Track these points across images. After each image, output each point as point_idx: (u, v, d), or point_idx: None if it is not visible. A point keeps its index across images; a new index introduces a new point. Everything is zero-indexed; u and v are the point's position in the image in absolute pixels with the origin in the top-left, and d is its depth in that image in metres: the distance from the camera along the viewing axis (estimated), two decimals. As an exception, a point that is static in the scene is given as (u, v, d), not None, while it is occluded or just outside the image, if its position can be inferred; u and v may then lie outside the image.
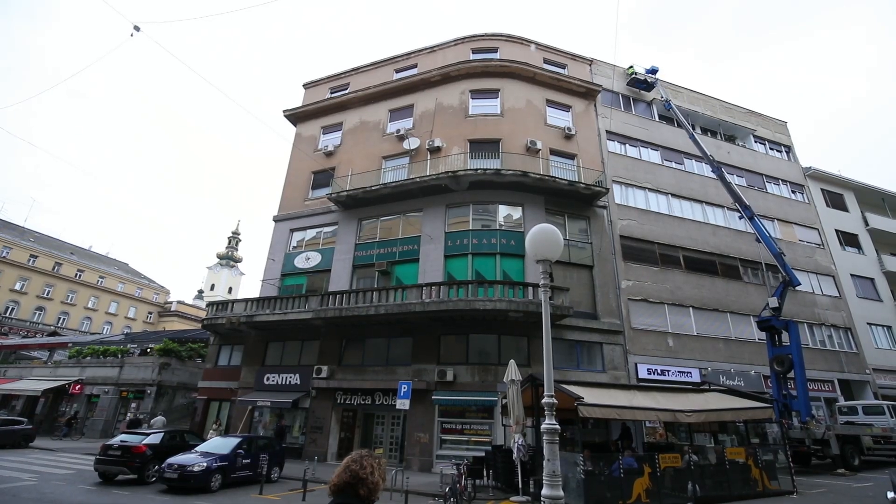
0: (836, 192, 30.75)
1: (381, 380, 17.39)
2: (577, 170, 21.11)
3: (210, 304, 21.62)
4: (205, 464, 11.67)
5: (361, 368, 18.21)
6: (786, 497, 11.39)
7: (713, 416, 12.35)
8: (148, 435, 13.53)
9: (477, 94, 21.95)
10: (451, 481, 10.99)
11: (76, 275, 51.85)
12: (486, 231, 19.02)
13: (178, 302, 63.71)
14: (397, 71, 24.93)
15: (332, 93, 26.18)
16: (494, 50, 23.55)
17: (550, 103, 22.74)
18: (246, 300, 20.20)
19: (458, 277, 17.95)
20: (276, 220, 22.90)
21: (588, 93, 23.69)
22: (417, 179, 19.35)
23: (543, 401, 5.39)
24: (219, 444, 13.19)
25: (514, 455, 11.64)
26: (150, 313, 59.34)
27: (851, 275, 27.48)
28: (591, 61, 25.70)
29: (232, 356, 21.43)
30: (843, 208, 30.35)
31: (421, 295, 16.69)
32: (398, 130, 21.74)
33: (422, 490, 12.28)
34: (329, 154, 23.24)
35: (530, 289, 16.36)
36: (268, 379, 19.37)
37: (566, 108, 23.10)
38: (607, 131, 23.70)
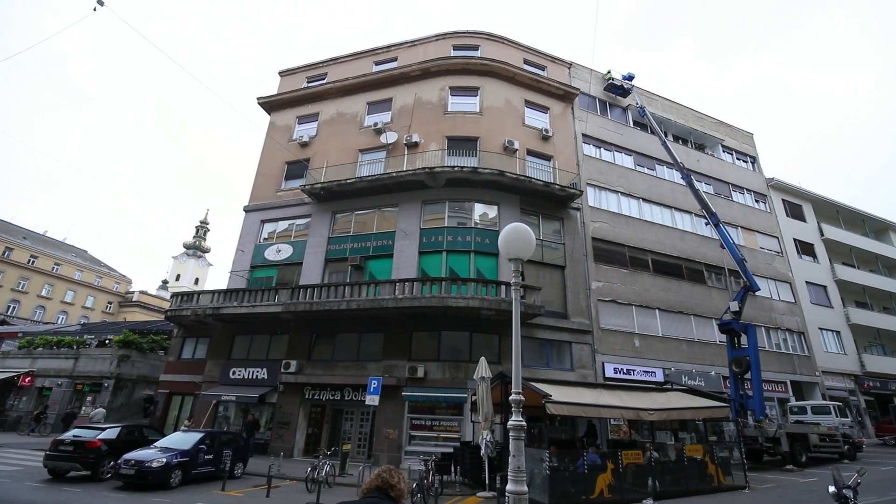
0: (796, 202, 32.27)
1: (352, 375, 17.22)
2: (552, 171, 21.39)
3: (175, 295, 20.91)
4: (164, 459, 11.30)
5: (331, 363, 17.98)
6: (738, 492, 11.90)
7: (674, 415, 12.79)
8: (104, 429, 12.98)
9: (456, 91, 21.92)
10: (418, 477, 11.01)
11: (29, 261, 49.14)
12: (462, 229, 19.07)
13: (141, 292, 61.27)
14: (377, 63, 24.62)
15: (308, 82, 25.65)
16: (475, 48, 23.56)
17: (529, 104, 22.95)
18: (213, 292, 19.64)
19: (431, 274, 17.93)
20: (247, 210, 22.31)
21: (566, 95, 24.02)
22: (394, 174, 19.19)
23: (511, 398, 5.43)
24: (180, 439, 12.81)
25: (482, 451, 11.75)
26: (109, 303, 56.86)
27: (806, 282, 28.93)
28: (570, 64, 26.06)
29: (196, 349, 20.81)
30: (802, 219, 31.88)
31: (394, 291, 16.59)
32: (376, 124, 21.50)
33: (389, 486, 12.23)
34: (304, 145, 22.77)
35: (503, 287, 16.50)
36: (234, 373, 18.90)
37: (544, 109, 23.36)
38: (583, 134, 24.12)
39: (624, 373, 19.37)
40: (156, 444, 12.53)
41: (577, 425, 16.44)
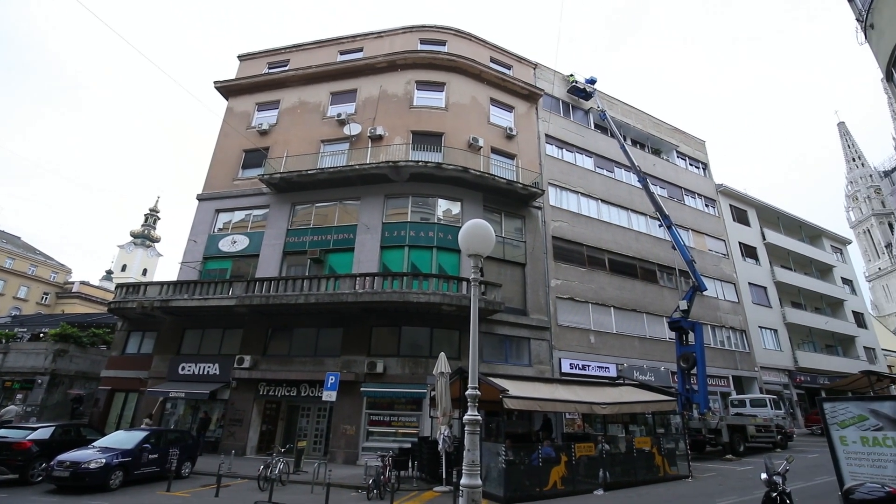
0: (742, 208, 34.23)
1: (309, 371, 16.83)
2: (515, 170, 21.66)
3: (119, 286, 19.71)
4: (103, 460, 10.66)
5: (288, 359, 17.50)
6: (683, 481, 12.52)
7: (626, 409, 13.30)
8: (35, 429, 12.08)
9: (423, 85, 21.75)
10: (374, 473, 10.92)
11: (-49, 247, 45.01)
12: (425, 224, 18.98)
13: (82, 282, 57.34)
14: (342, 53, 24.05)
15: (269, 68, 24.72)
16: (442, 43, 23.45)
17: (494, 102, 23.10)
18: (162, 283, 18.65)
19: (393, 269, 17.75)
20: (201, 198, 21.28)
21: (531, 95, 24.35)
22: (357, 167, 18.84)
23: (467, 392, 5.44)
24: (122, 438, 12.13)
25: (440, 446, 11.77)
26: (45, 294, 52.93)
27: (749, 283, 30.78)
28: (535, 65, 26.42)
29: (143, 343, 19.73)
30: (747, 223, 33.87)
31: (354, 285, 16.33)
32: (339, 115, 21.00)
33: (345, 482, 12.08)
34: (263, 133, 21.94)
35: (465, 283, 16.58)
36: (183, 368, 18.05)
37: (509, 108, 23.59)
38: (546, 135, 24.55)
39: (580, 368, 19.95)
40: (94, 443, 11.80)
41: (534, 419, 16.80)
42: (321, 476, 11.18)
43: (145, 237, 79.78)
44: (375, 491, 10.58)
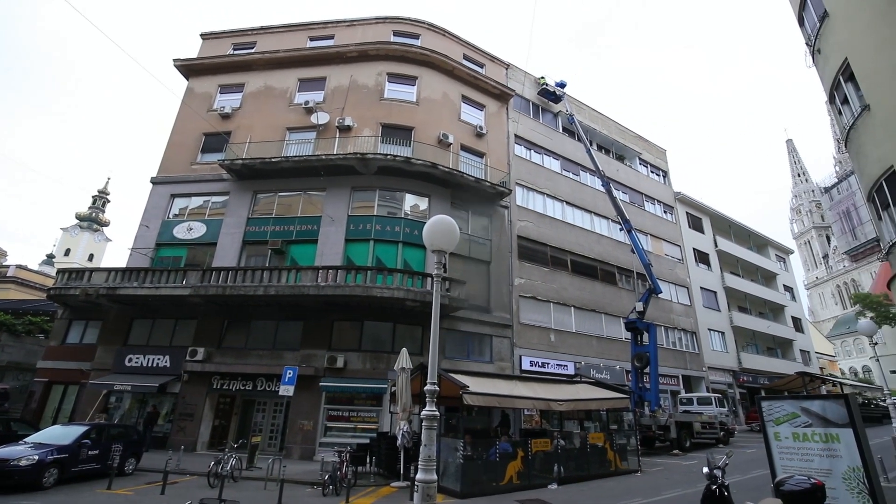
0: (697, 216, 35.86)
1: (266, 364, 16.36)
2: (484, 168, 21.78)
3: (61, 272, 18.44)
4: (36, 457, 9.99)
5: (244, 352, 16.94)
6: (633, 475, 13.01)
7: (581, 405, 13.68)
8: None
9: (394, 78, 21.47)
10: (331, 469, 10.76)
11: None
12: (391, 218, 18.80)
13: (18, 266, 53.32)
14: (312, 39, 23.39)
15: (234, 49, 23.73)
16: (416, 36, 23.23)
17: (466, 100, 23.12)
18: (109, 270, 17.61)
19: (357, 263, 17.50)
20: (155, 182, 20.20)
21: (502, 95, 24.54)
22: (323, 157, 18.39)
23: (426, 388, 5.41)
24: (58, 433, 11.41)
25: (399, 441, 11.73)
26: (-24, 278, 48.92)
27: (701, 287, 32.31)
28: (507, 65, 26.63)
29: (86, 333, 18.60)
30: (701, 230, 35.51)
31: (317, 278, 15.97)
32: (307, 102, 20.42)
33: (300, 479, 11.85)
34: (225, 116, 21.05)
35: (430, 279, 16.54)
36: (130, 360, 17.14)
37: (480, 106, 23.68)
38: (516, 135, 24.82)
39: (539, 366, 20.35)
40: (27, 439, 11.04)
41: (494, 415, 17.01)
42: (275, 472, 10.92)
43: (92, 220, 74.92)
44: (331, 487, 10.43)
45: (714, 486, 5.29)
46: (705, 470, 5.33)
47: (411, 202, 19.50)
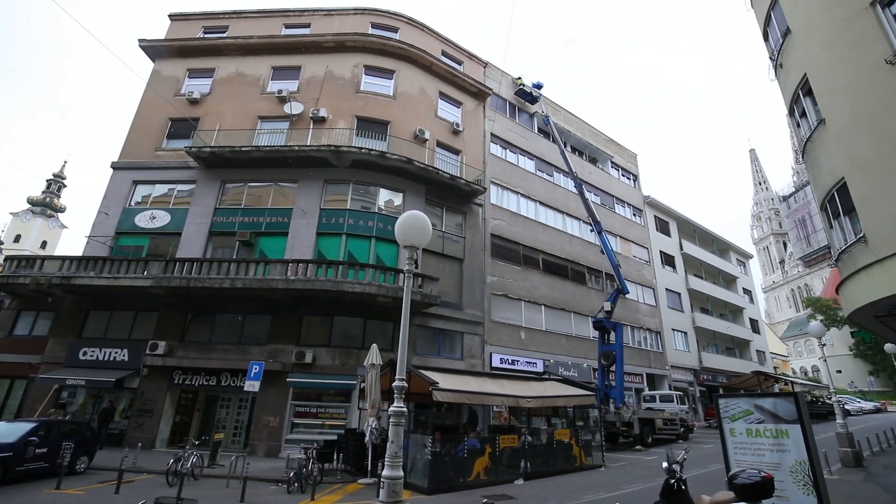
0: (665, 219, 37.00)
1: (231, 359, 15.92)
2: (460, 166, 21.80)
3: (9, 259, 17.38)
4: (-26, 455, 9.37)
5: (208, 346, 16.42)
6: (597, 470, 13.34)
7: (549, 402, 13.91)
8: None
9: (371, 70, 21.19)
10: (296, 466, 10.57)
11: None
12: (365, 213, 18.56)
13: (-35, 253, 50.13)
14: (287, 27, 22.79)
15: (205, 32, 22.87)
16: (395, 30, 22.98)
17: (443, 96, 23.06)
18: (64, 258, 16.71)
19: (329, 257, 17.21)
20: (116, 167, 19.27)
21: (479, 93, 24.59)
22: (296, 148, 17.97)
23: (394, 384, 5.37)
24: (2, 430, 10.73)
25: (367, 438, 11.65)
26: (-84, 264, 45.64)
27: (666, 289, 33.39)
28: (485, 64, 26.71)
29: (36, 324, 17.59)
30: (668, 234, 36.66)
31: (286, 271, 15.63)
32: (280, 91, 19.89)
33: (265, 476, 11.59)
34: (194, 102, 20.27)
35: (402, 275, 16.44)
36: (84, 353, 16.34)
37: (458, 103, 23.66)
38: (492, 134, 24.94)
39: (509, 363, 20.58)
40: (-35, 437, 10.36)
41: (463, 412, 17.10)
42: (238, 469, 10.64)
43: (46, 205, 70.98)
44: (297, 484, 10.24)
45: (672, 481, 5.47)
46: (664, 465, 5.50)
47: (385, 197, 19.31)
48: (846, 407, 32.32)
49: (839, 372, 60.90)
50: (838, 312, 40.45)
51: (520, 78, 27.76)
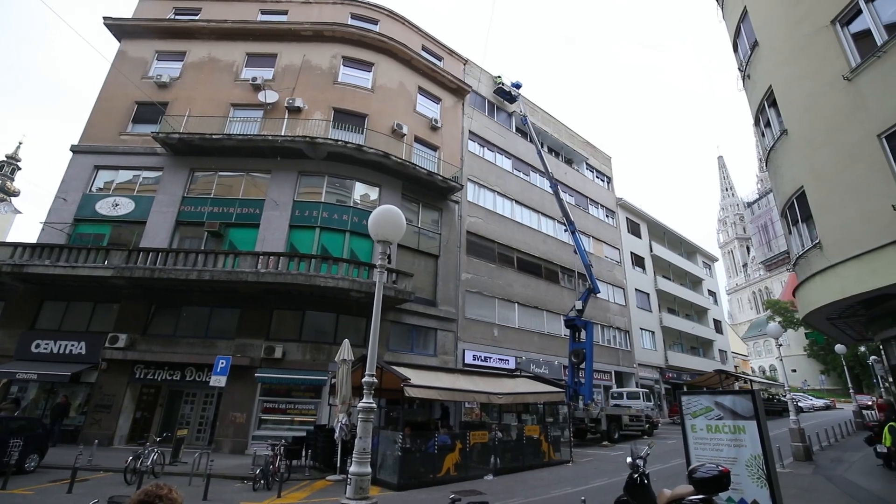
0: (636, 221, 37.93)
1: (197, 353, 15.44)
2: (437, 162, 21.73)
3: (-44, 245, 16.32)
4: None
5: (173, 339, 15.88)
6: (565, 465, 13.60)
7: (520, 399, 14.09)
8: None
9: (349, 62, 20.84)
10: (263, 462, 10.36)
11: None
12: (340, 206, 18.28)
13: None
14: (263, 13, 22.14)
15: (176, 14, 21.99)
16: (374, 21, 22.66)
17: (422, 91, 22.92)
18: (16, 245, 15.79)
19: (301, 250, 16.88)
20: (76, 150, 18.33)
21: (459, 90, 24.55)
22: (270, 137, 17.51)
23: (364, 380, 5.31)
24: (-58, 427, 10.10)
25: (336, 434, 11.53)
26: None
27: (636, 289, 34.27)
28: (465, 61, 26.68)
29: (-17, 315, 16.61)
30: (638, 235, 37.60)
31: (257, 264, 15.25)
32: (254, 79, 19.33)
33: (230, 473, 11.31)
34: (162, 86, 19.47)
35: (376, 270, 16.28)
36: (38, 346, 15.54)
37: (437, 99, 23.56)
38: (470, 131, 24.96)
39: (482, 360, 20.72)
40: None
41: (435, 408, 17.12)
42: (202, 467, 10.34)
43: None
44: (263, 481, 10.04)
45: (636, 475, 5.61)
46: (628, 460, 5.64)
47: (361, 191, 19.08)
48: (799, 404, 34.05)
49: (794, 371, 64.04)
50: (795, 314, 42.46)
51: (499, 76, 27.87)
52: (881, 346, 11.80)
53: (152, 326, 16.24)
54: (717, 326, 45.48)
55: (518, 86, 28.34)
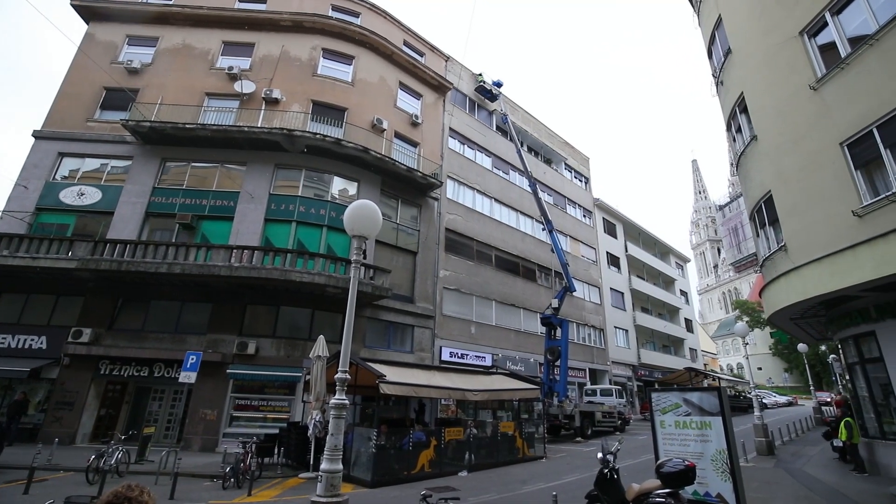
0: (612, 221, 38.62)
1: (166, 349, 15.01)
2: (417, 158, 21.63)
3: None
4: None
5: (141, 334, 15.38)
6: (538, 461, 13.77)
7: (495, 396, 14.17)
8: None
9: (329, 54, 20.51)
10: (233, 460, 10.16)
11: None
12: (317, 201, 17.99)
13: None
14: (241, 0, 21.58)
15: (149, -2, 21.19)
16: (356, 14, 22.36)
17: (403, 87, 22.75)
18: (-29, 234, 15.01)
19: (277, 244, 16.55)
20: (39, 136, 17.50)
21: (440, 87, 24.47)
22: (246, 129, 17.08)
23: (336, 376, 5.25)
24: None
25: (310, 431, 11.38)
26: None
27: (611, 288, 34.93)
28: (447, 58, 26.60)
29: (-65, 307, 15.75)
30: (614, 235, 38.31)
31: (230, 257, 14.89)
32: (231, 68, 18.82)
33: (199, 471, 11.05)
34: (133, 72, 18.76)
35: (352, 266, 16.10)
36: (-6, 340, 14.82)
37: (418, 95, 23.44)
38: (450, 128, 24.93)
39: (459, 357, 20.78)
40: None
41: (411, 405, 17.10)
42: (170, 465, 10.06)
43: (-43, 176, 63.74)
44: (233, 479, 9.84)
45: (606, 470, 5.73)
46: (599, 455, 5.75)
47: (340, 186, 18.83)
48: (764, 401, 35.34)
49: (760, 369, 66.49)
50: (761, 314, 43.97)
51: (481, 74, 27.89)
52: (839, 346, 12.33)
53: (119, 321, 15.69)
54: (689, 325, 46.79)
55: (499, 84, 28.44)
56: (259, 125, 17.71)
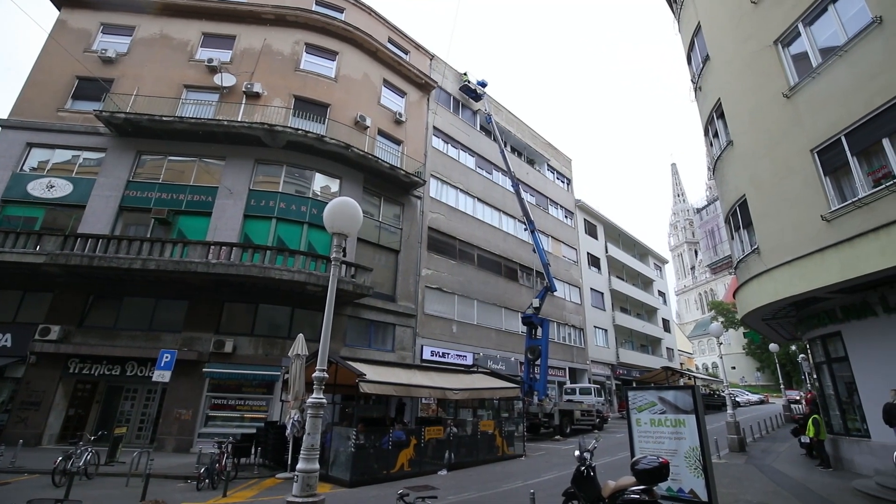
0: (593, 223, 39.16)
1: (139, 347, 14.62)
2: (400, 156, 21.53)
3: None
4: None
5: (113, 332, 14.94)
6: (518, 459, 13.87)
7: (476, 395, 14.21)
8: None
9: (312, 49, 20.23)
10: (208, 461, 9.96)
11: None
12: (298, 197, 17.75)
13: None
14: (222, -9, 21.07)
15: (125, -14, 20.55)
16: (340, 9, 22.11)
17: (387, 84, 22.61)
18: (-68, 227, 14.35)
19: (256, 241, 16.27)
20: (6, 125, 16.78)
21: (425, 85, 24.40)
22: (225, 123, 16.72)
23: (314, 375, 5.19)
24: None
25: (288, 431, 11.23)
26: None
27: (591, 288, 35.41)
28: (432, 56, 26.54)
29: None
30: (595, 236, 38.85)
31: (207, 254, 14.58)
32: (211, 60, 18.39)
33: (172, 473, 10.80)
34: (108, 61, 18.17)
35: (332, 263, 15.94)
36: (-45, 337, 14.21)
37: (402, 93, 23.33)
38: (434, 127, 24.89)
39: (440, 356, 20.78)
40: None
41: (392, 404, 17.03)
42: (142, 466, 9.79)
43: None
44: (207, 480, 9.64)
45: (583, 468, 5.81)
46: (576, 453, 5.83)
47: (321, 182, 18.61)
48: (737, 399, 36.35)
49: (734, 368, 68.37)
50: (736, 315, 45.16)
51: (465, 73, 27.92)
52: (808, 346, 12.76)
53: (90, 318, 15.21)
54: (666, 325, 47.80)
55: (484, 84, 28.52)
56: (239, 119, 17.36)
